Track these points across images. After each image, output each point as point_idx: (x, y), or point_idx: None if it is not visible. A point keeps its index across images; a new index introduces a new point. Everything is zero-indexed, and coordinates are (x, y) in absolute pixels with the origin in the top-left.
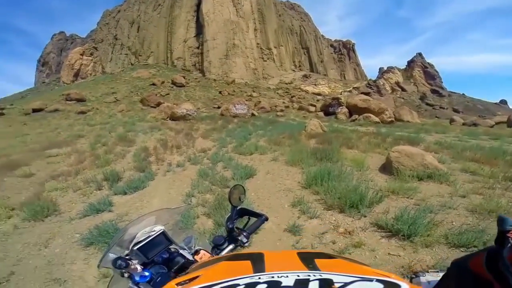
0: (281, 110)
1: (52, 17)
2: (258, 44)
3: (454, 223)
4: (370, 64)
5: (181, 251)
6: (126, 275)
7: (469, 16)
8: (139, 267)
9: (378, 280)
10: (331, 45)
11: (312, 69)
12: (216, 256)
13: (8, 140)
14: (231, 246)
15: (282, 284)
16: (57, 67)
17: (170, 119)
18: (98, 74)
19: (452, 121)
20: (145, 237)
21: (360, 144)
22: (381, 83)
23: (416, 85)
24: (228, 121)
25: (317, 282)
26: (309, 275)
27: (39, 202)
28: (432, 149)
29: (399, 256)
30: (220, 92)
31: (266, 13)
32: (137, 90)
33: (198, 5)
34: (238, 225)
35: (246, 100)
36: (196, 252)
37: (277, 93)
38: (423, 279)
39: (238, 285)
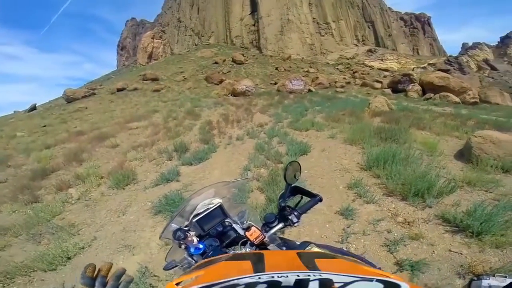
0: (342, 86)
1: (123, 4)
2: (314, 18)
3: None
4: (449, 39)
5: (234, 225)
6: (183, 246)
7: None
8: (195, 239)
9: (378, 280)
10: (401, 18)
11: (379, 43)
12: (216, 256)
13: (99, 115)
14: (280, 225)
15: (282, 284)
16: (133, 50)
17: (231, 95)
18: (168, 55)
19: None
20: (204, 209)
21: (433, 125)
22: (464, 60)
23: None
24: (284, 96)
25: (317, 282)
26: (309, 275)
27: (121, 171)
28: None
29: (461, 254)
30: (276, 68)
31: None
32: (202, 69)
33: None
34: (290, 204)
35: (303, 76)
36: (248, 229)
37: (337, 68)
38: (485, 282)
39: (238, 285)
